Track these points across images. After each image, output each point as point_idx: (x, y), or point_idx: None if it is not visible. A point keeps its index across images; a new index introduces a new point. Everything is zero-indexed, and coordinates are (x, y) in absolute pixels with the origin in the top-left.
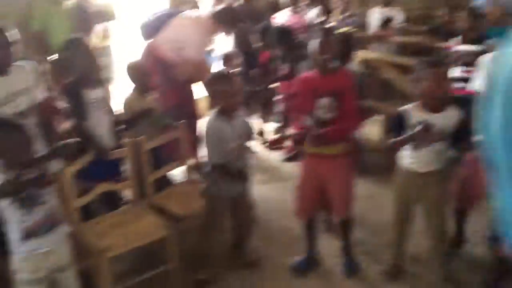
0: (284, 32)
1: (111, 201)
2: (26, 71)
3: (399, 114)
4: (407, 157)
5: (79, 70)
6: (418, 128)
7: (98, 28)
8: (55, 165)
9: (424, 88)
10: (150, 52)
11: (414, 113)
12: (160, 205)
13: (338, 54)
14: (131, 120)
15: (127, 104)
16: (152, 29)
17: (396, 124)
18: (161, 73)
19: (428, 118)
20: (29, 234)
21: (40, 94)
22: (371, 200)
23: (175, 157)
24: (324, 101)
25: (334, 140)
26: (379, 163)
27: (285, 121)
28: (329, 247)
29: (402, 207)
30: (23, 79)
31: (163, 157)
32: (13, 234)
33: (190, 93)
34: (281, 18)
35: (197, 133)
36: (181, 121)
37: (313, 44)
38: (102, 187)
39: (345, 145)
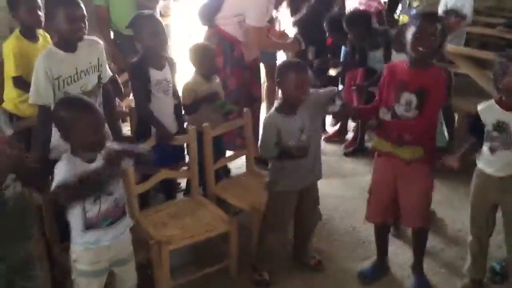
0: (358, 16)
1: (168, 188)
2: (94, 48)
3: (477, 113)
4: (484, 160)
5: (147, 48)
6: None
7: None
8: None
9: (506, 84)
10: (213, 32)
11: (493, 112)
12: (220, 197)
13: (436, 46)
14: (193, 105)
15: (189, 88)
16: (212, 9)
17: (474, 124)
18: (225, 54)
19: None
20: (91, 225)
21: (106, 73)
22: (447, 206)
23: (238, 146)
24: (409, 96)
25: (413, 142)
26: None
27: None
28: (401, 255)
29: (480, 214)
30: (91, 57)
31: (225, 145)
32: (75, 223)
33: (256, 76)
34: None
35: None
36: (246, 108)
37: (410, 31)
38: (163, 174)
39: (425, 148)
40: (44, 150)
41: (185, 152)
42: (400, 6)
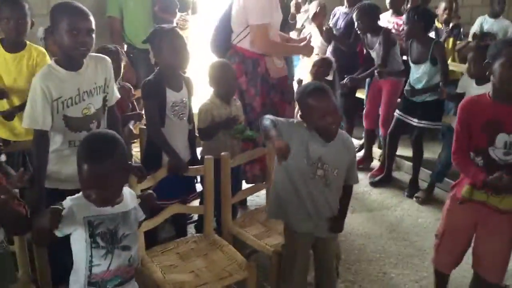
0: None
1: (179, 220)
2: (101, 66)
3: None
4: None
5: (165, 66)
6: None
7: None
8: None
9: None
10: (233, 52)
11: None
12: (237, 235)
13: None
14: (209, 130)
15: (206, 110)
16: (222, 33)
17: None
18: (248, 72)
19: None
20: (95, 283)
21: (113, 95)
22: None
23: (258, 176)
24: (508, 138)
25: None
26: None
27: (371, 137)
28: None
29: None
30: (96, 76)
31: (245, 176)
32: (77, 276)
33: (286, 95)
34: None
35: None
36: None
37: (499, 61)
38: (174, 209)
39: None
40: (40, 177)
41: (196, 182)
42: None
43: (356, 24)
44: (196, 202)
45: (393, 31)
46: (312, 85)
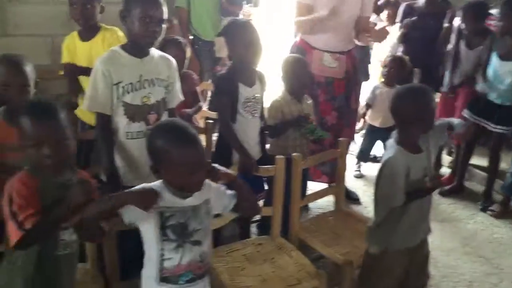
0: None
1: (243, 219)
2: (165, 64)
3: None
4: None
5: (239, 60)
6: None
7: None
8: None
9: None
10: (304, 44)
11: None
12: (305, 240)
13: None
14: (279, 127)
15: (277, 107)
16: None
17: None
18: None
19: None
20: (167, 278)
21: (175, 97)
22: None
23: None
24: None
25: None
26: None
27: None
28: None
29: None
30: (159, 69)
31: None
32: (149, 269)
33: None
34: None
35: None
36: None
37: None
38: None
39: None
40: (112, 166)
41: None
42: None
43: (462, 24)
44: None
45: None
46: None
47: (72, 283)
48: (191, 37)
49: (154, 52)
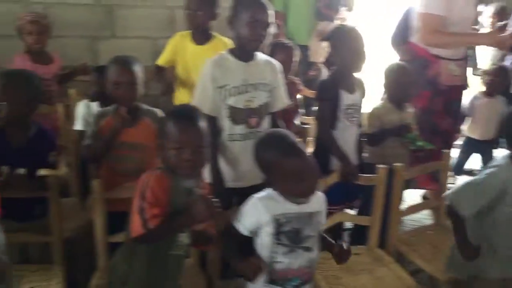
0: None
1: (335, 229)
2: (270, 68)
3: None
4: None
5: (343, 66)
6: None
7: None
8: None
9: None
10: (406, 48)
11: None
12: (403, 253)
13: None
14: (378, 136)
15: (376, 115)
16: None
17: None
18: (416, 73)
19: None
20: (275, 281)
21: (278, 102)
22: None
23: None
24: None
25: None
26: None
27: None
28: None
29: None
30: (264, 73)
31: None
32: None
33: (448, 107)
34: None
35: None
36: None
37: None
38: (341, 217)
39: None
40: (216, 167)
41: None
42: None
43: None
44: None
45: None
46: None
47: (178, 282)
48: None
49: (260, 56)
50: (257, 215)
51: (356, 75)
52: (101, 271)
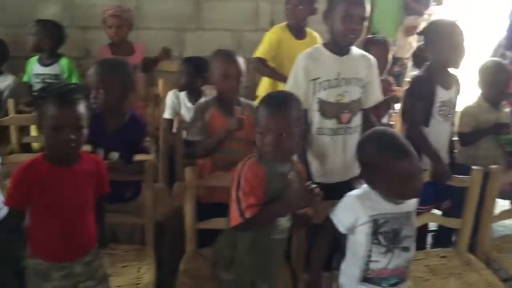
0: None
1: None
2: (365, 63)
3: None
4: None
5: (439, 61)
6: None
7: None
8: None
9: None
10: None
11: None
12: (496, 259)
13: None
14: (472, 135)
15: (470, 113)
16: None
17: None
18: None
19: None
20: (370, 279)
21: (371, 97)
22: None
23: None
24: None
25: None
26: None
27: None
28: None
29: None
30: (358, 68)
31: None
32: (352, 267)
33: None
34: None
35: None
36: None
37: None
38: (429, 218)
39: None
40: (304, 161)
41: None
42: None
43: None
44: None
45: None
46: None
47: (277, 264)
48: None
49: (355, 50)
50: (354, 213)
51: (451, 71)
52: (189, 256)
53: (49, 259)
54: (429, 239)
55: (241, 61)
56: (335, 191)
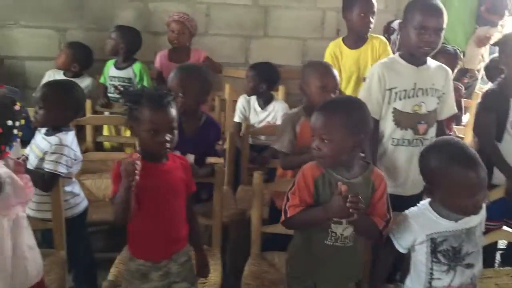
0: None
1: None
2: (441, 73)
3: None
4: None
5: None
6: None
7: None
8: None
9: None
10: None
11: None
12: None
13: None
14: None
15: None
16: None
17: None
18: None
19: None
20: None
21: (448, 109)
22: None
23: None
24: None
25: None
26: None
27: None
28: None
29: None
30: (435, 79)
31: None
32: (415, 284)
33: None
34: None
35: None
36: None
37: None
38: (500, 234)
39: None
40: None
41: None
42: None
43: None
44: None
45: None
46: None
47: (350, 275)
48: None
49: (431, 61)
50: (412, 233)
51: None
52: (253, 259)
53: (148, 258)
54: (498, 257)
55: (337, 73)
56: (408, 204)
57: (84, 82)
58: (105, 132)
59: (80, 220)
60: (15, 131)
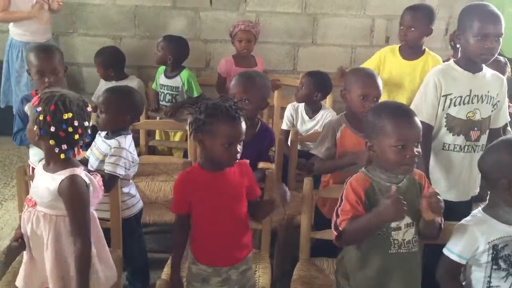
0: None
1: None
2: (496, 82)
3: None
4: None
5: None
6: None
7: None
8: None
9: None
10: None
11: None
12: None
13: None
14: None
15: None
16: None
17: None
18: None
19: None
20: None
21: (501, 118)
22: None
23: None
24: None
25: None
26: None
27: None
28: None
29: None
30: (490, 86)
31: None
32: None
33: None
34: None
35: None
36: None
37: None
38: None
39: None
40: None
41: None
42: None
43: None
44: None
45: None
46: None
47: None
48: None
49: (487, 69)
50: (473, 243)
51: None
52: (302, 263)
53: (210, 263)
54: None
55: (381, 82)
56: (456, 210)
57: (132, 83)
58: (157, 136)
59: (135, 221)
60: (89, 131)
